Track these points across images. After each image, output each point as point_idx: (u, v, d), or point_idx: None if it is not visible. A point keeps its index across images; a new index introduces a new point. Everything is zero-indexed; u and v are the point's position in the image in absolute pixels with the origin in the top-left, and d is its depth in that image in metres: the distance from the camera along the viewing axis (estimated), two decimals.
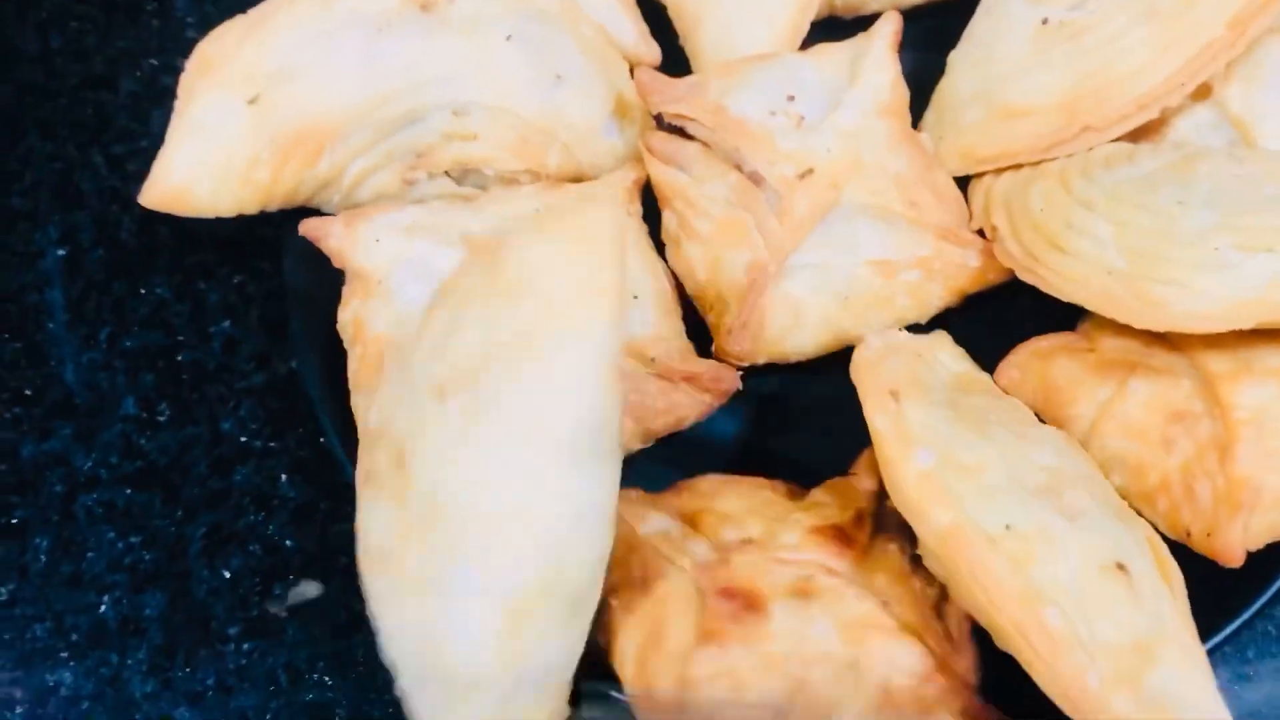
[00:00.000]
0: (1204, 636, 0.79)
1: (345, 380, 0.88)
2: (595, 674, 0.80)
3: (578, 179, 0.99)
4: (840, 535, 0.79)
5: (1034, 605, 0.71)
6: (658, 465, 0.91)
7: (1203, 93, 0.95)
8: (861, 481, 0.85)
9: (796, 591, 0.76)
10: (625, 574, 0.80)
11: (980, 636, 0.77)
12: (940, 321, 0.96)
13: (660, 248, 0.97)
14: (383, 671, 0.90)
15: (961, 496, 0.75)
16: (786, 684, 0.73)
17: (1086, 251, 0.86)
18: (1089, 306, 0.85)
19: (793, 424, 0.96)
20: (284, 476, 0.99)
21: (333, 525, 0.97)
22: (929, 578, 0.80)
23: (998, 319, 0.98)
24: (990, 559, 0.72)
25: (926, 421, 0.79)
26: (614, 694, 0.78)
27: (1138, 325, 0.82)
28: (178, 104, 0.92)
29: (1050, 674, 0.70)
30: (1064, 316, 0.94)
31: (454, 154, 0.95)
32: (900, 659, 0.74)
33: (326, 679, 0.91)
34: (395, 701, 0.87)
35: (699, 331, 0.95)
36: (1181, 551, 0.82)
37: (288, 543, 0.96)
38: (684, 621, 0.75)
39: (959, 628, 0.78)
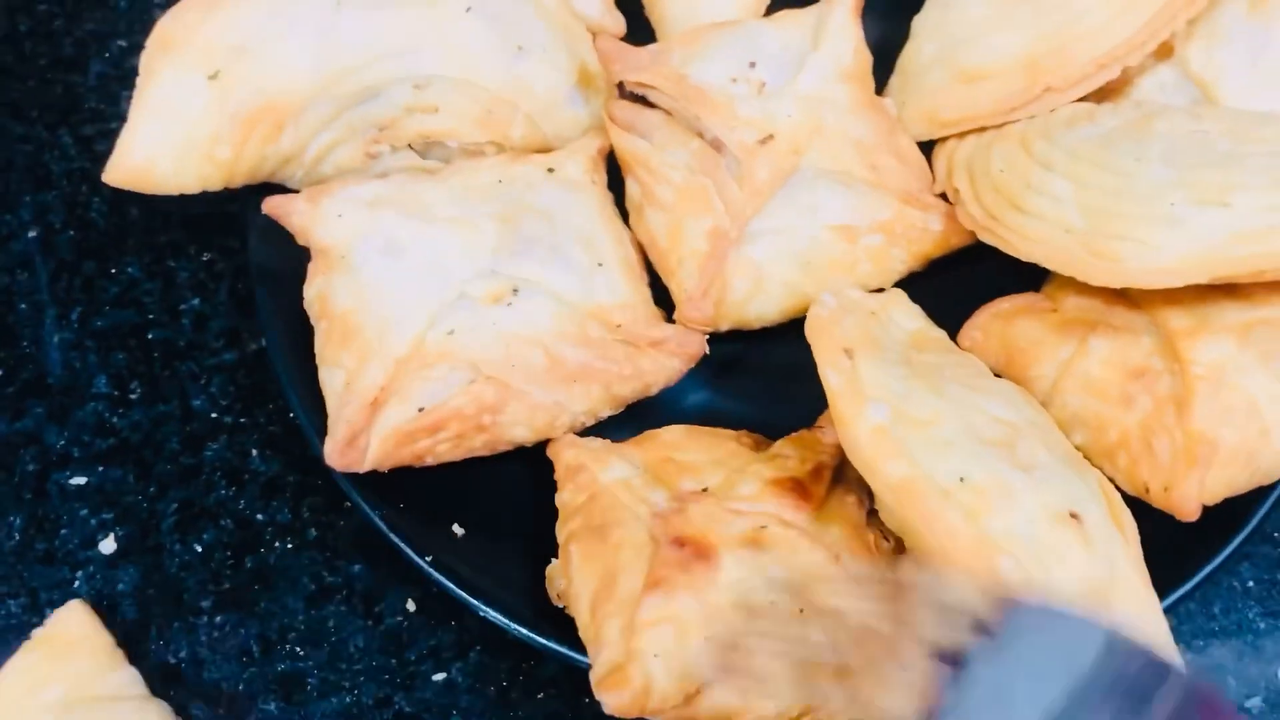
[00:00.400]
0: (1165, 592, 0.82)
1: (313, 356, 0.90)
2: (562, 619, 0.82)
3: (543, 150, 1.00)
4: (797, 487, 0.81)
5: (988, 555, 0.73)
6: (627, 432, 0.92)
7: (1164, 52, 0.97)
8: (826, 434, 0.87)
9: (749, 541, 0.78)
10: (586, 520, 0.82)
11: None
12: (904, 286, 0.97)
13: (626, 216, 0.99)
14: (354, 640, 0.93)
15: (914, 450, 0.76)
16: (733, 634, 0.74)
17: (1046, 211, 0.87)
18: (1048, 265, 0.87)
19: (758, 389, 0.98)
20: (254, 452, 1.01)
21: (304, 498, 0.99)
22: (886, 532, 0.82)
23: (961, 283, 0.99)
24: (944, 511, 0.74)
25: (880, 378, 0.80)
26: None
27: (1095, 283, 0.84)
28: (139, 82, 0.93)
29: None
30: (1028, 280, 0.97)
31: (416, 127, 0.97)
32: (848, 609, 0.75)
33: (299, 649, 0.93)
34: (367, 670, 0.90)
35: (665, 299, 0.96)
36: (1144, 511, 0.84)
37: (259, 517, 0.98)
38: (636, 568, 0.77)
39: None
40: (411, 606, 0.95)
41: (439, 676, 0.92)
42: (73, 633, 0.89)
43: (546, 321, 0.87)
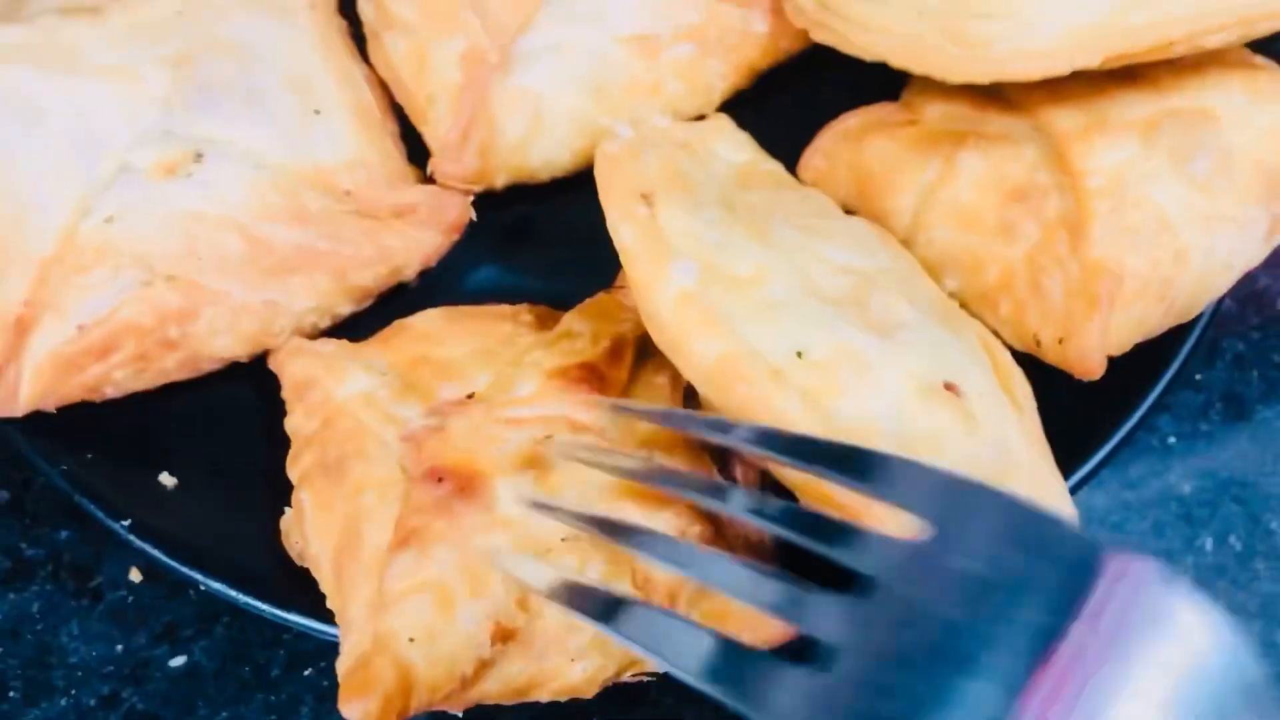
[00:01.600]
0: (1073, 466, 0.70)
1: None
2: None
3: None
4: (590, 374, 0.66)
5: None
6: (383, 322, 0.76)
7: None
8: (627, 296, 0.70)
9: (529, 461, 0.63)
10: (320, 455, 0.65)
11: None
12: (731, 109, 0.81)
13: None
14: (65, 627, 0.76)
15: (734, 318, 0.61)
16: (514, 590, 0.58)
17: None
18: (896, 63, 0.72)
19: (557, 258, 0.81)
20: None
21: None
22: None
23: (806, 102, 0.84)
24: (776, 396, 0.60)
25: (689, 226, 0.64)
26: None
27: (957, 79, 0.70)
28: None
29: None
30: (889, 93, 0.82)
31: None
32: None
33: None
34: (85, 664, 0.73)
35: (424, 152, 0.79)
36: (1039, 367, 0.71)
37: None
38: (383, 515, 0.62)
39: (747, 478, 0.67)
40: (136, 576, 0.80)
41: (178, 661, 0.78)
42: None
43: (242, 193, 0.70)
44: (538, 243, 0.82)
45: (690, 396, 0.69)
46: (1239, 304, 0.88)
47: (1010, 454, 0.63)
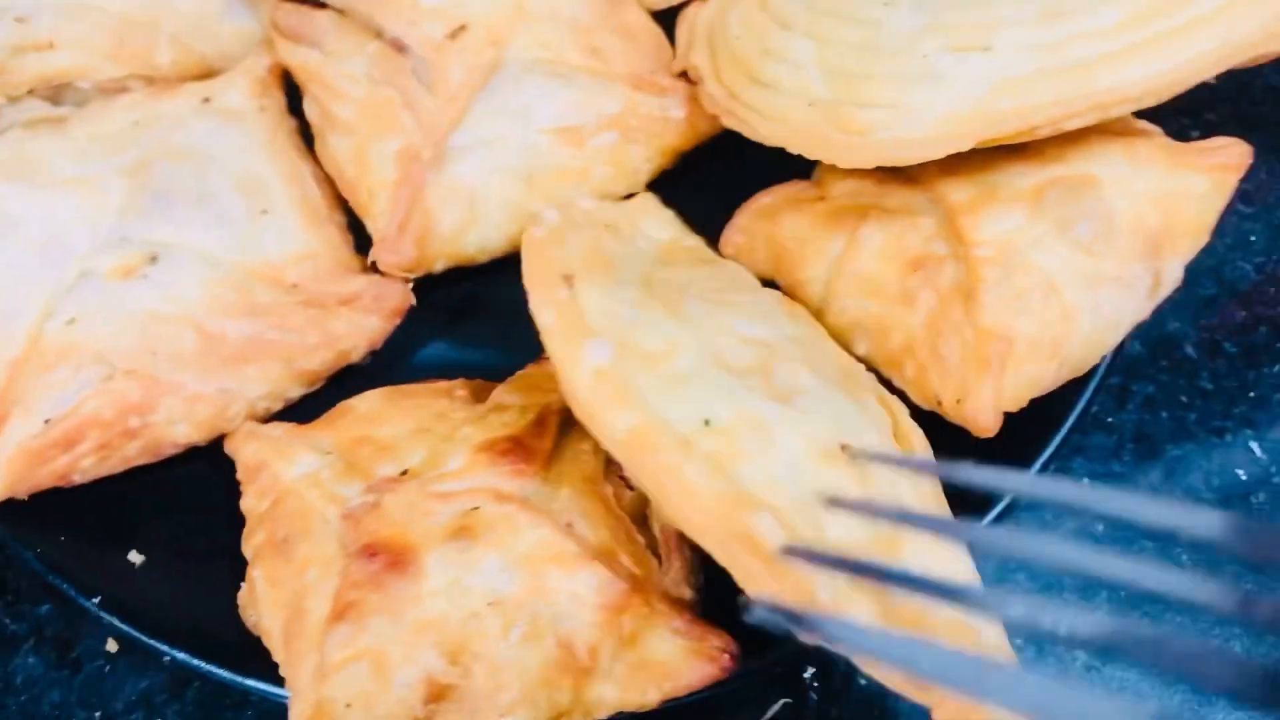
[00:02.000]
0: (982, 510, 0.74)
1: None
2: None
3: (206, 75, 0.86)
4: (515, 446, 0.69)
5: (740, 514, 0.62)
6: (335, 401, 0.79)
7: None
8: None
9: (457, 531, 0.66)
10: (270, 534, 0.70)
11: None
12: (660, 189, 0.85)
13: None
14: (48, 696, 0.80)
15: (645, 392, 0.65)
16: (444, 652, 0.63)
17: (785, 81, 0.75)
18: (794, 149, 0.76)
19: (500, 332, 0.85)
20: None
21: None
22: (629, 482, 0.71)
23: (732, 179, 0.87)
24: (684, 464, 0.63)
25: (605, 306, 0.68)
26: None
27: (845, 164, 0.74)
28: None
29: (774, 592, 0.61)
30: (805, 170, 0.85)
31: (32, 69, 0.82)
32: (582, 589, 0.65)
33: None
34: None
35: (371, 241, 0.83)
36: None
37: None
38: (325, 590, 0.66)
39: (665, 535, 0.70)
40: (113, 647, 0.84)
41: None
42: None
43: (195, 291, 0.74)
44: (480, 318, 0.86)
45: (611, 461, 0.73)
46: (1149, 348, 0.92)
47: (905, 512, 0.67)
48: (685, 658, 0.67)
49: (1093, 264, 0.74)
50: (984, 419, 0.71)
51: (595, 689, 0.66)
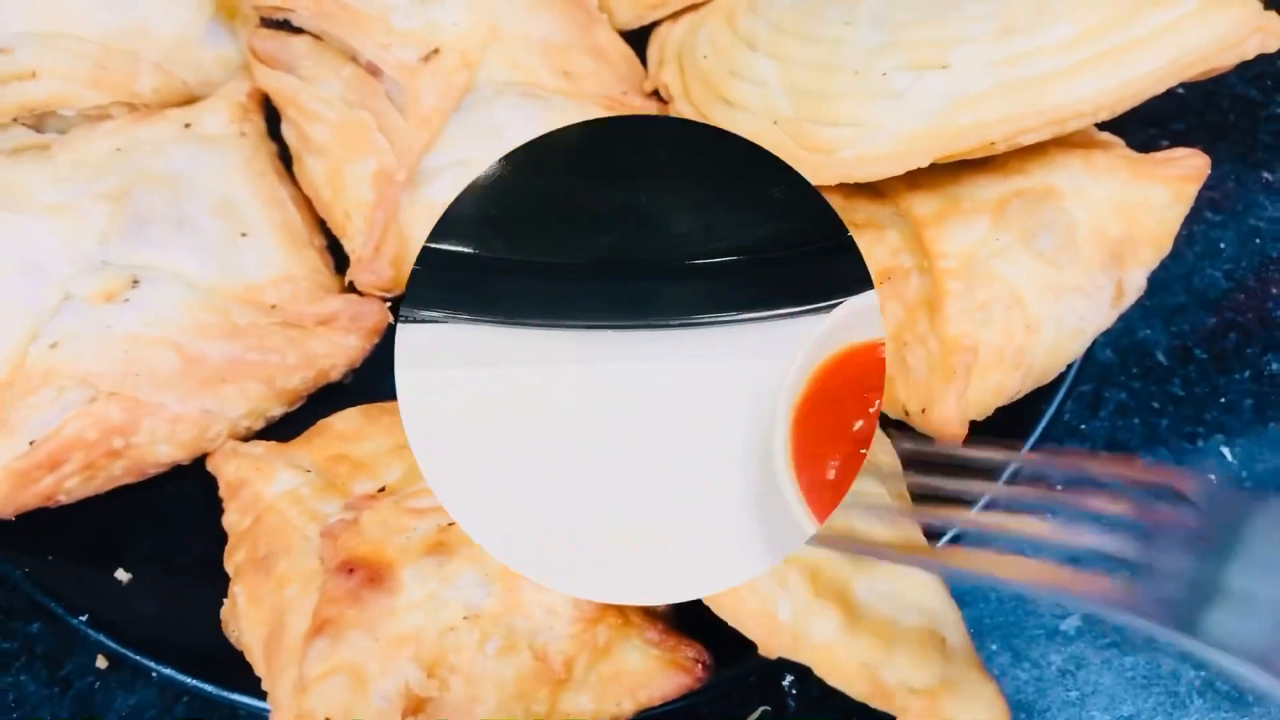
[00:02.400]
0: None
1: None
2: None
3: (187, 100, 0.88)
4: None
5: None
6: (316, 419, 0.81)
7: None
8: None
9: (433, 547, 0.68)
10: (251, 551, 0.72)
11: None
12: None
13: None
14: (39, 713, 0.82)
15: None
16: (421, 665, 0.64)
17: (751, 101, 0.77)
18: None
19: None
20: None
21: None
22: None
23: None
24: None
25: None
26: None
27: (811, 181, 0.73)
28: None
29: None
30: None
31: (15, 98, 0.83)
32: (557, 601, 0.67)
33: None
34: None
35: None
36: None
37: None
38: (305, 606, 0.67)
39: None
40: (102, 663, 0.85)
41: None
42: None
43: (176, 314, 0.76)
44: None
45: None
46: (1120, 355, 0.94)
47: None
48: (659, 668, 0.69)
49: (1055, 274, 0.75)
50: (950, 428, 0.73)
51: (571, 700, 0.68)
